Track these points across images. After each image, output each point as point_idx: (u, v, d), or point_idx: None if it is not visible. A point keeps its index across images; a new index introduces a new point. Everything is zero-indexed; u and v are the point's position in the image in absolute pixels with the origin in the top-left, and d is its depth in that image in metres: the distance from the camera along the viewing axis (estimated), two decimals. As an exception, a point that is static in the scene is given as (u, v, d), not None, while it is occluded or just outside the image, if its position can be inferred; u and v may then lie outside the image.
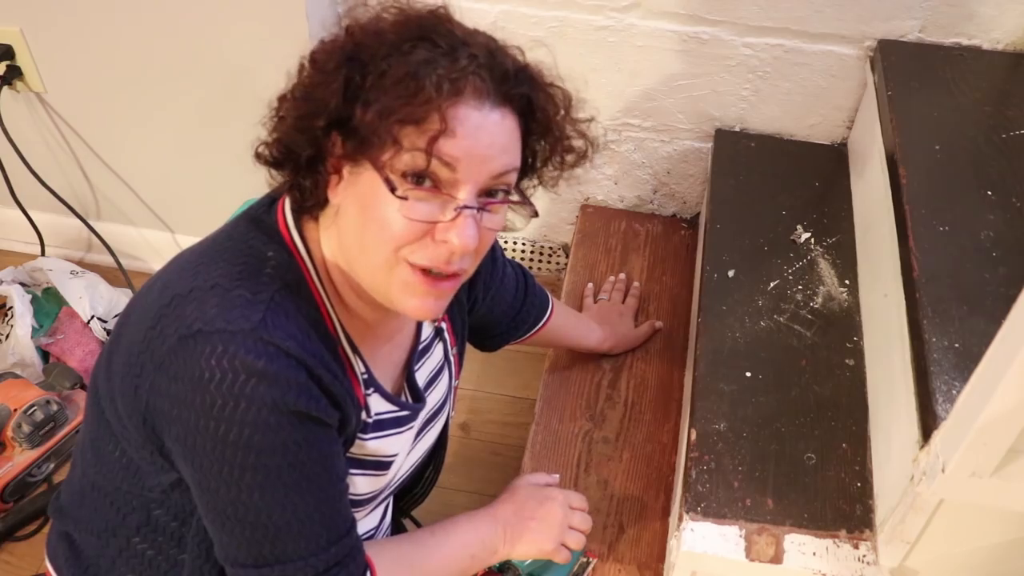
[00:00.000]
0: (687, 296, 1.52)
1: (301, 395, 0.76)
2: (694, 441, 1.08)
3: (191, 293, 0.78)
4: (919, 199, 1.09)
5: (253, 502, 0.78)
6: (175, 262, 0.86)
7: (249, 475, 0.76)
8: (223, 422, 0.74)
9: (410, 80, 0.73)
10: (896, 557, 0.94)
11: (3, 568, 1.47)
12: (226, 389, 0.74)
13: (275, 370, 0.75)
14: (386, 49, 0.75)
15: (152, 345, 0.78)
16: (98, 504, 0.93)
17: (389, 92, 0.73)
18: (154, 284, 0.84)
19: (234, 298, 0.77)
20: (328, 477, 0.82)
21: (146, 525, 0.91)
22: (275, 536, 0.80)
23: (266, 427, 0.75)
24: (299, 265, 0.82)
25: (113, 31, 1.58)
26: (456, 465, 1.59)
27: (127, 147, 1.78)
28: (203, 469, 0.78)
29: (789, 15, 1.40)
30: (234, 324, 0.75)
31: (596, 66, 1.53)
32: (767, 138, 1.55)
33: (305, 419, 0.77)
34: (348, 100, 0.75)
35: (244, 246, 0.82)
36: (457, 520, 1.02)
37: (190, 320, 0.76)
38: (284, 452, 0.77)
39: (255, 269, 0.80)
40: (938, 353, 0.91)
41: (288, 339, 0.76)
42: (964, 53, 1.37)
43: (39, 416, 1.52)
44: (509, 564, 1.05)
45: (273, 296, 0.78)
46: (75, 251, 1.97)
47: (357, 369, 0.86)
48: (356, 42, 0.77)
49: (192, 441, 0.77)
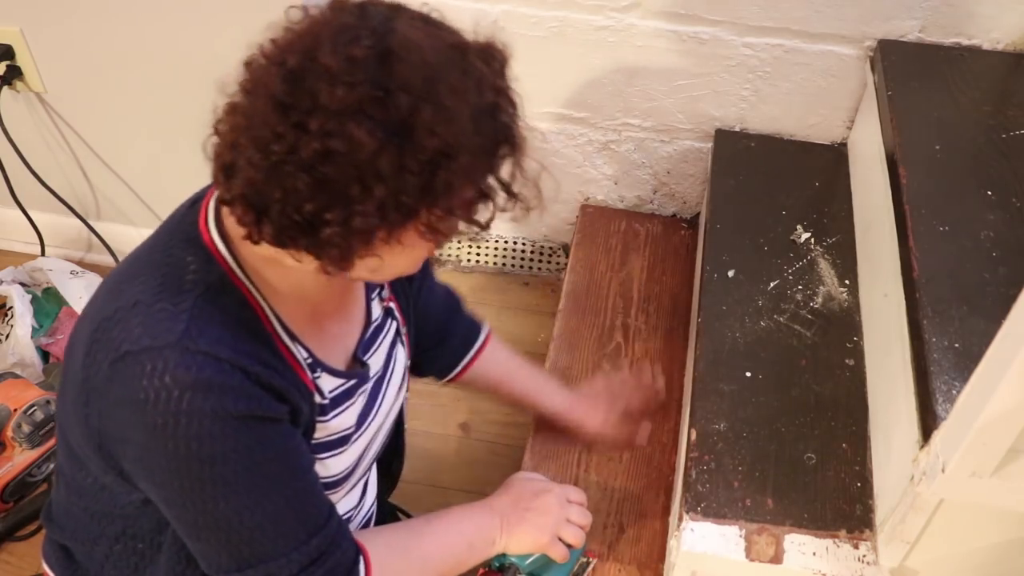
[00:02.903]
0: (687, 296, 1.52)
1: (240, 398, 0.76)
2: (694, 441, 1.08)
3: (116, 314, 0.77)
4: (919, 199, 1.09)
5: (220, 511, 0.77)
6: (103, 284, 0.85)
7: (209, 487, 0.76)
8: (170, 440, 0.74)
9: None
10: (896, 557, 0.94)
11: (3, 568, 1.47)
12: (162, 407, 0.73)
13: (207, 378, 0.74)
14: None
15: (89, 373, 0.78)
16: (79, 517, 0.94)
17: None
18: (87, 311, 0.84)
19: (156, 312, 0.76)
20: (291, 472, 0.81)
21: (124, 534, 0.91)
22: (251, 538, 0.79)
23: (212, 438, 0.74)
24: (220, 266, 0.80)
25: (113, 31, 1.58)
26: (456, 465, 1.60)
27: (127, 147, 1.78)
28: (164, 487, 0.78)
29: (789, 15, 1.40)
30: (159, 339, 0.74)
31: (596, 66, 1.53)
32: (767, 138, 1.55)
33: (250, 420, 0.77)
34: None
35: (162, 256, 0.81)
36: (453, 510, 1.02)
37: (117, 343, 0.76)
38: (237, 458, 0.76)
39: (176, 278, 0.78)
40: (938, 353, 0.91)
41: (215, 343, 0.75)
42: (964, 53, 1.37)
43: (39, 416, 1.52)
44: (510, 564, 1.05)
45: (194, 303, 0.76)
46: (75, 251, 1.97)
47: (299, 356, 0.84)
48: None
49: (147, 462, 0.77)
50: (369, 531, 0.94)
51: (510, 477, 1.10)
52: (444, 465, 1.57)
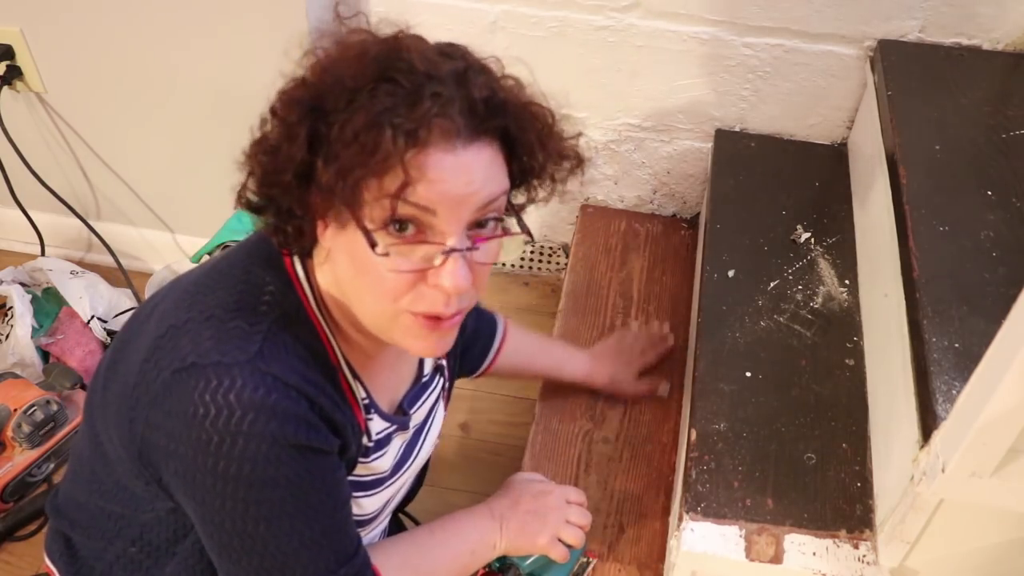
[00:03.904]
0: (687, 296, 1.52)
1: (300, 427, 0.75)
2: (694, 441, 1.08)
3: (186, 324, 0.76)
4: (919, 199, 1.09)
5: (259, 534, 0.77)
6: (172, 289, 0.84)
7: (253, 509, 0.75)
8: (222, 458, 0.73)
9: (368, 132, 0.68)
10: (896, 557, 0.94)
11: (3, 568, 1.47)
12: (222, 425, 0.72)
13: (273, 402, 0.73)
14: (347, 96, 0.70)
15: (147, 378, 0.77)
16: (95, 515, 0.93)
17: (349, 147, 0.69)
18: (151, 312, 0.83)
19: (230, 329, 0.75)
20: (332, 504, 0.81)
21: (141, 539, 0.90)
22: (283, 565, 0.79)
23: (266, 462, 0.74)
24: (298, 294, 0.80)
25: (113, 31, 1.58)
26: (456, 465, 1.60)
27: (127, 147, 1.78)
28: (205, 504, 0.77)
29: (789, 15, 1.40)
30: (229, 356, 0.73)
31: (596, 66, 1.53)
32: (767, 138, 1.55)
33: (306, 450, 0.76)
34: (312, 154, 0.71)
35: (242, 274, 0.80)
36: (455, 517, 1.02)
37: (184, 352, 0.75)
38: (287, 484, 0.76)
39: (252, 299, 0.78)
40: (938, 353, 0.91)
41: (286, 369, 0.75)
42: (964, 53, 1.37)
43: (39, 416, 1.52)
44: (510, 564, 1.05)
45: (271, 327, 0.76)
46: (75, 251, 1.97)
47: (358, 395, 0.85)
48: (315, 91, 0.71)
49: (191, 477, 0.75)
50: (382, 551, 0.93)
51: (509, 478, 1.10)
52: (444, 465, 1.57)
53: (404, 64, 0.70)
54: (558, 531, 1.04)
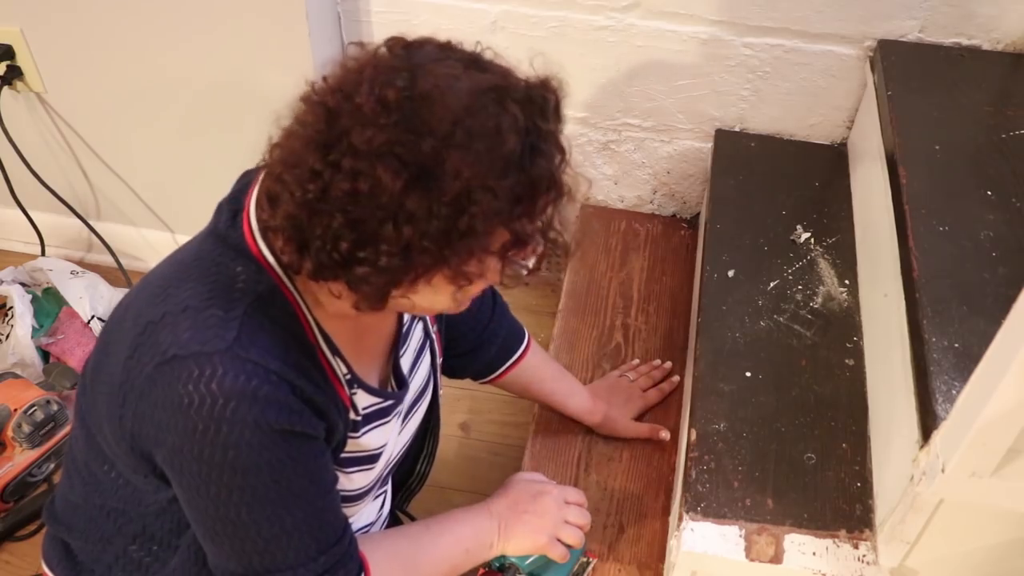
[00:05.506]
0: (687, 296, 1.52)
1: (283, 411, 0.76)
2: (694, 441, 1.08)
3: (163, 319, 0.77)
4: (919, 199, 1.09)
5: (241, 519, 0.78)
6: (143, 288, 0.84)
7: (236, 494, 0.77)
8: (207, 445, 0.74)
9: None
10: (896, 557, 0.94)
11: (3, 568, 1.47)
12: (206, 413, 0.73)
13: (254, 388, 0.74)
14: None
15: (131, 375, 0.78)
16: (94, 515, 0.93)
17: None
18: (125, 313, 0.83)
19: (207, 318, 0.76)
20: (316, 489, 0.82)
21: (142, 535, 0.91)
22: (264, 549, 0.80)
23: (249, 448, 0.75)
24: (270, 275, 0.80)
25: (113, 31, 1.58)
26: (456, 465, 1.60)
27: (127, 147, 1.78)
28: (189, 488, 0.78)
29: (789, 15, 1.40)
30: (209, 345, 0.74)
31: (596, 66, 1.53)
32: (767, 138, 1.55)
33: (289, 435, 0.77)
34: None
35: (211, 264, 0.81)
36: (452, 514, 1.02)
37: (165, 346, 0.76)
38: (270, 470, 0.77)
39: (225, 286, 0.78)
40: (938, 353, 0.91)
41: (265, 354, 0.76)
42: (964, 53, 1.37)
43: (39, 416, 1.52)
44: (510, 564, 1.05)
45: (246, 311, 0.77)
46: (75, 251, 1.97)
47: (339, 371, 0.85)
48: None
49: (177, 463, 0.77)
50: (371, 540, 0.94)
51: (509, 478, 1.10)
52: (444, 465, 1.57)
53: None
54: (557, 531, 1.04)
